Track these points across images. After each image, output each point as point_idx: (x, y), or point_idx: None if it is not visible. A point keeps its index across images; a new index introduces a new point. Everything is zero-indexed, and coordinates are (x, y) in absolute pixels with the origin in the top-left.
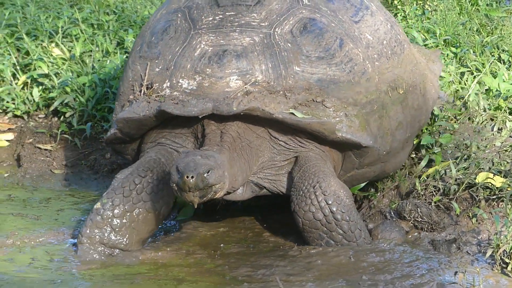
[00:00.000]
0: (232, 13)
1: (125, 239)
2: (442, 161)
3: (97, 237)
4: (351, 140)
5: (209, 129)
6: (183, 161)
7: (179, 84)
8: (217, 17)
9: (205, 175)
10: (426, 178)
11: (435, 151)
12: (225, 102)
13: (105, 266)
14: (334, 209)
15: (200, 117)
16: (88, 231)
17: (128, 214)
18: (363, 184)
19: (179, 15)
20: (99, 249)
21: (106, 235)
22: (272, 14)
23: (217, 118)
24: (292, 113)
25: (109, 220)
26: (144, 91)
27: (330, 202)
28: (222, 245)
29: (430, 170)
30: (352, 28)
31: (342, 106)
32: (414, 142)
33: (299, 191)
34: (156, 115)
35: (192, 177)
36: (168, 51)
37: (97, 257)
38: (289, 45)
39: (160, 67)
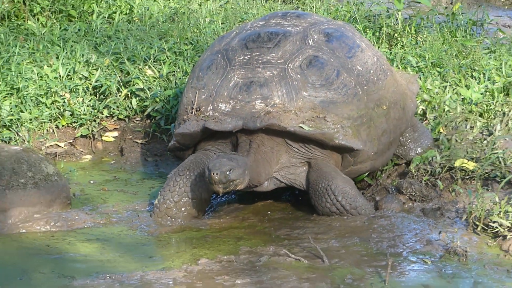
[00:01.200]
0: (257, 53)
1: (180, 221)
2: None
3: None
4: (346, 145)
5: (241, 139)
6: (212, 162)
7: (219, 107)
8: (246, 57)
9: (227, 172)
10: (418, 163)
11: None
12: (252, 120)
13: (180, 230)
14: (344, 203)
15: (234, 131)
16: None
17: (177, 204)
18: (365, 175)
19: (219, 55)
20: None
21: (166, 222)
22: (286, 53)
23: (246, 131)
24: (301, 127)
25: (165, 211)
26: (194, 113)
27: (340, 199)
28: (269, 212)
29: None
30: (347, 62)
31: (339, 120)
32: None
33: (316, 191)
34: (202, 130)
35: (217, 174)
36: (211, 83)
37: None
38: (299, 76)
39: (205, 95)
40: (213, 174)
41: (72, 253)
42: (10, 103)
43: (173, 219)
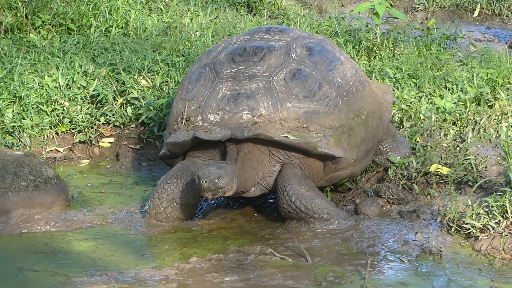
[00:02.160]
0: (243, 67)
1: (171, 224)
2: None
3: None
4: (328, 153)
5: (229, 148)
6: (202, 170)
7: (208, 117)
8: (233, 70)
9: (216, 180)
10: (395, 168)
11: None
12: (239, 130)
13: (172, 230)
14: (298, 204)
15: (222, 140)
16: None
17: (166, 209)
18: (346, 180)
19: (207, 68)
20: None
21: (157, 224)
22: (271, 67)
23: (234, 140)
24: (286, 136)
25: (155, 216)
26: (184, 123)
27: (293, 200)
28: (256, 214)
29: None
30: (328, 74)
31: (321, 130)
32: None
33: (277, 193)
34: (192, 140)
35: (206, 181)
36: (200, 95)
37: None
38: (283, 88)
39: (194, 106)
40: (203, 182)
41: (68, 252)
42: (13, 110)
43: (163, 223)
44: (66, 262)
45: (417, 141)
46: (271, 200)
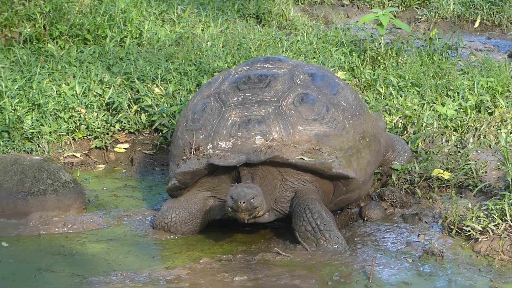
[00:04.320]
0: (250, 94)
1: None
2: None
3: None
4: (342, 174)
5: (243, 172)
6: (235, 191)
7: (219, 145)
8: (240, 98)
9: (251, 200)
10: (399, 173)
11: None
12: (254, 154)
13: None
14: (318, 222)
15: (238, 165)
16: None
17: (168, 234)
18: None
19: (212, 98)
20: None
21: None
22: (278, 92)
23: (248, 165)
24: (302, 158)
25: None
26: (193, 152)
27: (315, 217)
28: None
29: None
30: (332, 98)
31: (333, 151)
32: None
33: (296, 213)
34: (206, 168)
35: (244, 202)
36: (208, 124)
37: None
38: (293, 112)
39: (203, 135)
40: (240, 203)
41: (84, 254)
42: (32, 117)
43: None
44: (82, 263)
45: (419, 145)
46: None
